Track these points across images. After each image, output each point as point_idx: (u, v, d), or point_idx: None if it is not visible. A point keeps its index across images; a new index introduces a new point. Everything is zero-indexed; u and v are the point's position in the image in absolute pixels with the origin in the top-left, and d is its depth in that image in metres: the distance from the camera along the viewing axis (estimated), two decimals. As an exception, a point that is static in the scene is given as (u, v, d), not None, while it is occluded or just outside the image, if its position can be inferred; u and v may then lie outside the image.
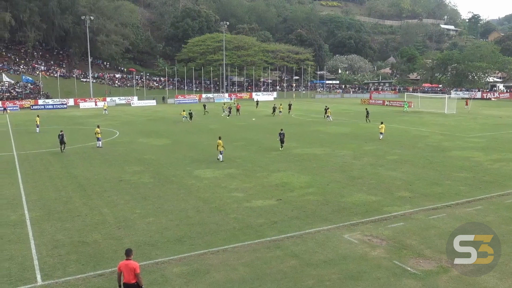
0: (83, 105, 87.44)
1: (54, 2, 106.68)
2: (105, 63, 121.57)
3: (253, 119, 57.01)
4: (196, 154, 32.27)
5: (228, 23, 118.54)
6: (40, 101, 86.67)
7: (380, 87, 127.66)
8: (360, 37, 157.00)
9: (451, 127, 47.45)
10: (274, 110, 62.21)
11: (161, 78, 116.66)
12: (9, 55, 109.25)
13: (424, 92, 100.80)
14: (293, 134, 40.57)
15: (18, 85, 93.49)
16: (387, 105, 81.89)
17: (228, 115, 60.68)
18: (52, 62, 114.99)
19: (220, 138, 29.95)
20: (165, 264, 13.76)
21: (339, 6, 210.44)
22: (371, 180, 23.76)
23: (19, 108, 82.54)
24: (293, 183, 23.42)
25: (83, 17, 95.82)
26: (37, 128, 45.57)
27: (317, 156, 30.87)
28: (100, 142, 35.23)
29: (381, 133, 38.36)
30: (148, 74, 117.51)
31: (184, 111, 56.85)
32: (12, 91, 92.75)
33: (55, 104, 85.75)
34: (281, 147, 33.32)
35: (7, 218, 18.17)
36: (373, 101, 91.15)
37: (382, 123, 39.38)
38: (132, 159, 30.60)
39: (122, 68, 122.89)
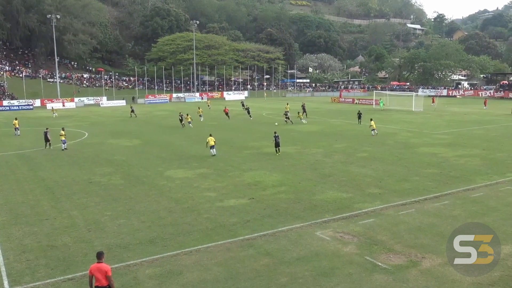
0: (50, 106, 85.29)
1: (18, 1, 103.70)
2: (72, 63, 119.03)
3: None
4: (168, 154, 31.98)
5: (198, 22, 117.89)
6: (5, 102, 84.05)
7: (350, 86, 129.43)
8: (329, 36, 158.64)
9: (418, 124, 48.53)
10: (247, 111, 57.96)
11: (131, 78, 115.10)
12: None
13: (392, 90, 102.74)
14: (264, 133, 40.70)
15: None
16: (356, 103, 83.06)
17: (184, 125, 48.30)
18: (17, 62, 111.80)
19: (210, 135, 31.09)
20: (137, 266, 13.60)
21: (308, 5, 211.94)
22: (342, 178, 24.08)
23: (-17, 109, 79.84)
24: (265, 181, 23.50)
25: (49, 16, 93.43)
26: (17, 131, 43.46)
27: (288, 154, 31.06)
28: (65, 145, 34.43)
29: (373, 129, 39.40)
30: (117, 74, 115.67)
31: (188, 114, 49.25)
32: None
33: (21, 105, 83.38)
34: (278, 152, 30.75)
35: (-28, 224, 17.59)
36: (343, 99, 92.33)
37: (371, 120, 40.85)
38: (102, 161, 30.08)
39: (90, 68, 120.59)
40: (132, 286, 12.38)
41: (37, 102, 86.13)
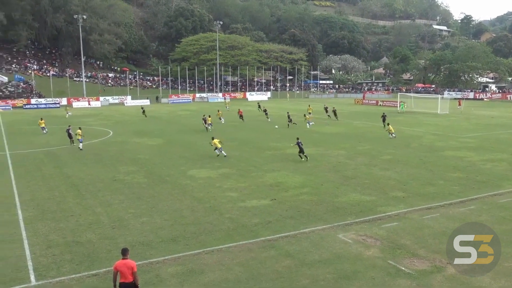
0: (76, 104, 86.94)
1: (46, 1, 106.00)
2: (98, 62, 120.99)
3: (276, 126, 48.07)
4: (190, 154, 32.20)
5: (221, 22, 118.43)
6: (33, 101, 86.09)
7: (374, 87, 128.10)
8: (353, 37, 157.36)
9: (444, 127, 47.71)
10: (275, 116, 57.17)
11: (155, 78, 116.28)
12: (0, 54, 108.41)
13: (417, 92, 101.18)
14: (287, 135, 40.61)
15: (10, 84, 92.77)
16: (380, 105, 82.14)
17: (208, 128, 45.07)
18: (44, 61, 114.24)
19: (213, 138, 30.89)
20: (159, 264, 13.73)
21: (332, 6, 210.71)
22: (365, 180, 23.84)
23: (12, 107, 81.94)
24: (287, 183, 23.44)
25: (75, 16, 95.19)
26: (44, 130, 43.83)
27: (311, 156, 30.84)
28: (81, 144, 34.34)
29: (391, 133, 39.11)
30: (141, 73, 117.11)
31: (209, 116, 47.41)
32: (4, 90, 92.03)
33: (48, 104, 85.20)
34: (305, 157, 28.93)
35: (1, 218, 18.06)
36: (367, 101, 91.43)
37: (388, 124, 41.38)
38: (126, 159, 30.48)
39: (115, 68, 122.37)
40: (154, 284, 12.50)
41: (64, 101, 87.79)
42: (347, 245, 15.08)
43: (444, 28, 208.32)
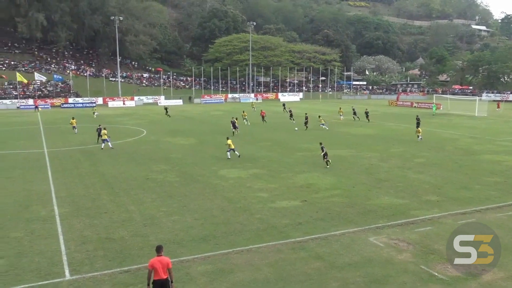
0: (111, 104, 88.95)
1: (84, 3, 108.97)
2: (133, 62, 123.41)
3: (296, 128, 46.72)
4: (222, 154, 32.27)
5: (254, 23, 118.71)
6: (70, 100, 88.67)
7: (408, 89, 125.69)
8: (388, 37, 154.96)
9: (481, 130, 46.34)
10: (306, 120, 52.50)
11: (188, 78, 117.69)
12: (41, 54, 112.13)
13: (453, 94, 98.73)
14: (319, 136, 40.31)
15: (49, 84, 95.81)
16: (415, 107, 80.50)
17: (234, 132, 42.49)
18: (82, 62, 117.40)
19: (228, 138, 31.44)
20: (189, 263, 13.86)
21: (367, 6, 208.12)
22: (398, 183, 23.40)
23: (50, 106, 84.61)
24: (318, 184, 23.27)
25: (112, 18, 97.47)
26: (75, 130, 44.43)
27: (343, 157, 30.60)
28: (110, 143, 34.48)
29: (418, 135, 38.56)
30: (175, 74, 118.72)
31: (237, 118, 45.29)
32: (43, 89, 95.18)
33: (85, 103, 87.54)
34: (328, 164, 27.43)
35: (38, 214, 18.64)
36: (401, 102, 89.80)
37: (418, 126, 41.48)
38: (158, 158, 30.96)
39: (150, 68, 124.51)
40: (184, 282, 12.62)
41: (100, 100, 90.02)
42: (379, 248, 14.83)
43: (483, 28, 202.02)
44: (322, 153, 27.84)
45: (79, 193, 21.81)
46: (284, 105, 70.33)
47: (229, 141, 30.79)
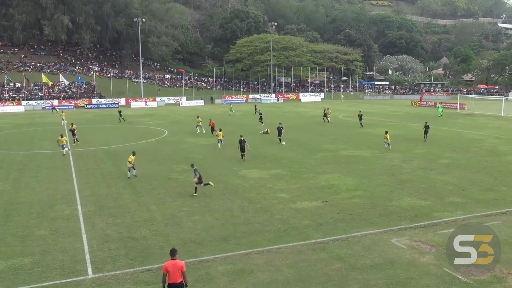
0: (134, 104, 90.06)
1: (108, 5, 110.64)
2: (155, 64, 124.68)
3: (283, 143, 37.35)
4: (243, 154, 32.38)
5: (276, 23, 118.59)
6: (94, 101, 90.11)
7: (432, 89, 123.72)
8: (411, 37, 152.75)
9: (508, 130, 45.28)
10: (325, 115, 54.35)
11: (209, 79, 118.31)
12: (66, 56, 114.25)
13: (479, 93, 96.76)
14: (341, 136, 40.04)
15: (73, 85, 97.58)
16: (438, 107, 79.08)
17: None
18: (105, 63, 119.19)
19: (220, 130, 35.24)
20: (210, 262, 13.91)
21: (390, 5, 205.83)
22: (421, 184, 23.04)
23: (74, 107, 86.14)
24: (339, 185, 23.09)
25: (135, 19, 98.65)
26: (64, 148, 33.47)
27: (365, 158, 30.30)
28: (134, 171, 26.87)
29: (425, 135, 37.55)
30: (196, 74, 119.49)
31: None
32: (68, 90, 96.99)
33: (108, 104, 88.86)
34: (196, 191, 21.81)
35: (62, 212, 18.98)
36: (424, 102, 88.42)
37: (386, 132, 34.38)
38: (180, 158, 31.18)
39: (172, 69, 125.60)
40: (205, 281, 12.67)
41: (122, 101, 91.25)
42: (401, 250, 14.63)
43: (510, 26, 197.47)
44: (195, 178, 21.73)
45: (101, 193, 22.13)
46: (255, 106, 69.76)
47: (220, 132, 34.82)
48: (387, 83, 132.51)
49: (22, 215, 18.75)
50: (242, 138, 30.03)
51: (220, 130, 36.00)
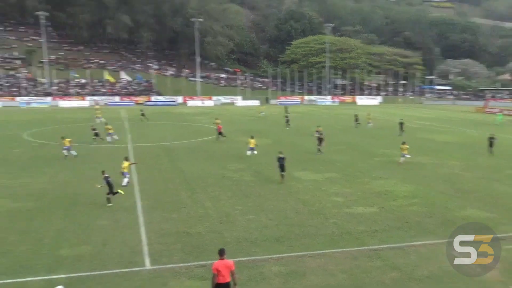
0: (190, 103, 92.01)
1: (167, 5, 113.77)
2: (211, 63, 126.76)
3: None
4: (297, 155, 32.17)
5: (332, 25, 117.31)
6: (153, 98, 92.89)
7: (499, 95, 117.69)
8: (475, 40, 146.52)
9: None
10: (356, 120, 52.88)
11: (265, 79, 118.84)
12: (126, 54, 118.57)
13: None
14: (397, 142, 38.93)
15: (134, 82, 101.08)
16: (505, 114, 75.22)
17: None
18: (163, 62, 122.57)
19: (252, 137, 32.12)
20: (263, 262, 13.94)
21: (451, 7, 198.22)
22: (485, 195, 21.96)
23: (134, 103, 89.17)
24: (396, 191, 22.48)
25: (192, 19, 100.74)
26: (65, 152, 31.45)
27: (422, 165, 29.34)
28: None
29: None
30: (251, 74, 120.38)
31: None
32: (128, 87, 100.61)
33: (165, 101, 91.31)
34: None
35: (122, 204, 19.69)
36: (489, 109, 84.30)
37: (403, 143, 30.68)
38: (234, 157, 31.49)
39: (227, 69, 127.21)
40: (258, 281, 12.72)
41: (179, 99, 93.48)
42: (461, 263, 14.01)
43: None
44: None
45: (159, 188, 22.74)
46: (286, 108, 65.69)
47: (251, 140, 31.69)
48: (449, 88, 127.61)
49: (86, 204, 19.63)
50: (281, 156, 24.25)
51: (252, 137, 32.21)
